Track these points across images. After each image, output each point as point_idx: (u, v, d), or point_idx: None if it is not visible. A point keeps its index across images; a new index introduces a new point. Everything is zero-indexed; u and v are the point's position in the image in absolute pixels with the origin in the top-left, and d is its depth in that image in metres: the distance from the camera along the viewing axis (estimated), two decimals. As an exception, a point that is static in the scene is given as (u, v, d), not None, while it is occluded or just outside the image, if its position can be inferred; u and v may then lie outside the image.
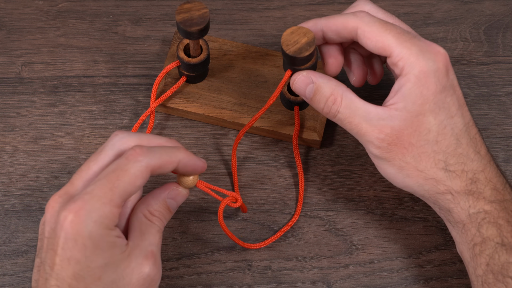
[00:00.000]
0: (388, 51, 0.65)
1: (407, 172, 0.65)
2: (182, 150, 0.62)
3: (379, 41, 0.65)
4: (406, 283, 0.71)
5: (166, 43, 0.81)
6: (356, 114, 0.65)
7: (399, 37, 0.65)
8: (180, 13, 0.69)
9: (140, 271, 0.60)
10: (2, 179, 0.75)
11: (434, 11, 0.83)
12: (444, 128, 0.65)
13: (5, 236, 0.73)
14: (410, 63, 0.64)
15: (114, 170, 0.59)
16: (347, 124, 0.66)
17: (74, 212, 0.57)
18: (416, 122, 0.64)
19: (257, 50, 0.78)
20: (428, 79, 0.64)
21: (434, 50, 0.65)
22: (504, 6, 0.83)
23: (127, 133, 0.62)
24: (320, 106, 0.67)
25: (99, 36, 0.81)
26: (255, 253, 0.72)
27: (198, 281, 0.71)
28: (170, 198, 0.63)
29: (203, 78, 0.77)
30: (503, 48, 0.81)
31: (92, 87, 0.79)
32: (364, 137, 0.65)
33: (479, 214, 0.64)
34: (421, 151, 0.65)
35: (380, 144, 0.65)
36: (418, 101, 0.64)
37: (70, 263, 0.57)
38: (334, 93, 0.66)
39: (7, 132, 0.77)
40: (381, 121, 0.64)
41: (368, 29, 0.65)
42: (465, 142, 0.65)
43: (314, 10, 0.83)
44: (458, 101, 0.65)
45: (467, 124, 0.66)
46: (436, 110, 0.64)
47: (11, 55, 0.80)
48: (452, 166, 0.65)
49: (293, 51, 0.67)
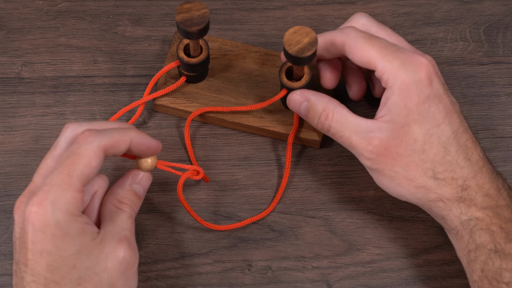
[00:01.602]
0: (373, 65, 0.67)
1: (398, 181, 0.67)
2: (134, 129, 0.63)
3: (364, 55, 0.67)
4: (406, 283, 0.71)
5: (166, 43, 0.81)
6: (347, 128, 0.67)
7: (382, 51, 0.66)
8: (180, 13, 0.69)
9: (115, 255, 0.60)
10: (2, 179, 0.75)
11: (434, 11, 0.83)
12: (430, 137, 0.66)
13: (5, 236, 0.73)
14: (392, 76, 0.66)
15: (68, 156, 0.59)
16: (339, 137, 0.68)
17: (37, 204, 0.58)
18: (402, 132, 0.66)
19: (257, 50, 0.78)
20: (410, 90, 0.65)
21: (416, 61, 0.66)
22: (504, 6, 0.83)
23: (78, 123, 0.63)
24: (314, 122, 0.70)
25: (99, 36, 0.81)
26: (255, 253, 0.72)
27: (198, 281, 0.71)
28: (134, 183, 0.65)
29: (203, 78, 0.77)
30: (503, 48, 0.81)
31: (92, 87, 0.79)
32: (355, 150, 0.68)
33: (470, 221, 0.65)
34: (409, 161, 0.66)
35: (370, 156, 0.67)
36: (403, 112, 0.66)
37: (43, 256, 0.58)
38: (326, 109, 0.69)
39: (7, 132, 0.77)
40: (370, 133, 0.66)
41: (353, 45, 0.67)
42: (454, 150, 0.66)
43: (314, 10, 0.83)
44: (444, 110, 0.66)
45: (455, 131, 0.66)
46: (420, 120, 0.66)
47: (11, 55, 0.80)
48: (441, 174, 0.66)
49: (296, 50, 0.67)
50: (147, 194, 0.74)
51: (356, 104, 0.78)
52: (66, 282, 0.58)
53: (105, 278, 0.60)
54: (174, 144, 0.76)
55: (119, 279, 0.60)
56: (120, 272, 0.60)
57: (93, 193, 0.64)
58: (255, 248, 0.72)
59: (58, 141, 0.63)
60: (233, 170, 0.76)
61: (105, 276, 0.60)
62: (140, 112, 0.76)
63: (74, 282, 0.58)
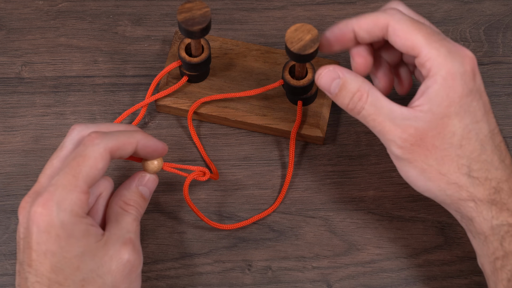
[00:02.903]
0: (416, 51, 0.63)
1: (429, 175, 0.64)
2: (140, 132, 0.63)
3: (408, 39, 0.63)
4: (406, 283, 0.71)
5: (166, 43, 0.81)
6: (381, 112, 0.64)
7: (429, 37, 0.63)
8: (182, 13, 0.69)
9: (119, 258, 0.60)
10: (2, 179, 0.75)
11: (434, 11, 0.83)
12: (469, 133, 0.63)
13: (5, 236, 0.73)
14: (437, 64, 0.62)
15: (74, 157, 0.59)
16: (371, 121, 0.64)
17: (42, 204, 0.58)
18: (441, 124, 0.63)
19: (257, 48, 0.79)
20: (455, 81, 0.62)
21: (463, 53, 0.63)
22: (504, 6, 0.83)
23: (84, 125, 0.63)
24: (345, 102, 0.65)
25: (99, 36, 0.81)
26: (255, 253, 0.72)
27: (198, 281, 0.71)
28: (141, 185, 0.65)
29: (205, 77, 0.77)
30: (503, 48, 0.81)
31: (92, 87, 0.79)
32: (387, 136, 0.64)
33: (502, 227, 0.62)
34: (444, 154, 0.63)
35: (403, 144, 0.63)
36: (444, 103, 0.62)
37: (47, 256, 0.58)
38: (361, 89, 0.64)
39: (7, 132, 0.77)
40: (406, 121, 0.63)
41: (398, 27, 0.64)
42: (490, 149, 0.63)
43: (314, 10, 0.83)
44: (484, 107, 0.64)
45: (492, 131, 0.64)
46: (461, 114, 0.63)
47: (11, 55, 0.80)
48: (475, 172, 0.63)
49: (298, 48, 0.68)
50: (147, 194, 0.74)
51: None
52: (69, 283, 0.58)
53: (108, 280, 0.59)
54: (175, 144, 0.76)
55: (123, 282, 0.60)
56: (124, 275, 0.60)
57: (98, 194, 0.64)
58: (255, 248, 0.72)
59: (64, 142, 0.63)
60: (233, 170, 0.76)
61: (109, 279, 0.59)
62: (143, 113, 0.76)
63: (77, 283, 0.58)
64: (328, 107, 0.77)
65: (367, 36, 0.66)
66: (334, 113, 0.78)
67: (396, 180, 0.75)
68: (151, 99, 0.75)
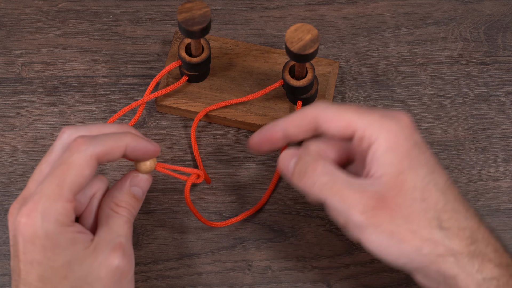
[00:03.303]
0: (352, 127, 0.62)
1: (400, 236, 0.59)
2: (129, 135, 0.61)
3: (339, 120, 0.62)
4: (406, 283, 0.71)
5: (166, 43, 0.81)
6: (337, 181, 0.61)
7: (358, 110, 0.62)
8: (182, 13, 0.69)
9: (108, 264, 0.59)
10: (2, 179, 0.75)
11: (434, 11, 0.83)
12: (428, 184, 0.60)
13: (5, 236, 0.73)
14: (375, 129, 0.61)
15: (59, 165, 0.58)
16: (327, 190, 0.61)
17: (26, 215, 0.57)
18: (399, 181, 0.60)
19: (257, 48, 0.79)
20: (398, 137, 0.61)
21: (396, 113, 0.62)
22: (504, 6, 0.83)
23: (74, 128, 0.62)
24: (300, 177, 0.63)
25: (99, 36, 0.81)
26: (255, 253, 0.72)
27: (198, 281, 0.71)
28: (133, 185, 0.63)
29: (205, 77, 0.77)
30: (503, 48, 0.81)
31: (92, 87, 0.79)
32: (346, 203, 0.60)
33: (491, 281, 0.58)
34: (410, 211, 0.59)
35: (365, 209, 0.59)
36: (395, 161, 0.60)
37: (33, 266, 0.57)
38: (315, 162, 0.62)
39: (7, 132, 0.77)
40: (363, 186, 0.60)
41: (327, 113, 0.63)
42: (453, 198, 0.60)
43: (314, 10, 0.83)
44: (432, 158, 0.62)
45: (447, 181, 0.61)
46: (415, 166, 0.60)
47: (11, 55, 0.80)
48: (446, 222, 0.59)
49: (298, 48, 0.68)
50: (147, 194, 0.73)
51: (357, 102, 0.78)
52: None
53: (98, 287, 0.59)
54: (174, 144, 0.76)
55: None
56: (114, 281, 0.59)
57: (91, 195, 0.63)
58: (255, 248, 0.72)
59: (54, 146, 0.61)
60: (233, 170, 0.76)
61: (98, 286, 0.58)
62: (140, 112, 0.75)
63: None
64: (328, 107, 0.77)
65: (297, 132, 0.65)
66: (334, 113, 0.78)
67: (396, 180, 0.75)
68: (149, 98, 0.75)
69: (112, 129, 0.62)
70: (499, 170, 0.76)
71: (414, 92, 0.79)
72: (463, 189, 0.75)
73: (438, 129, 0.77)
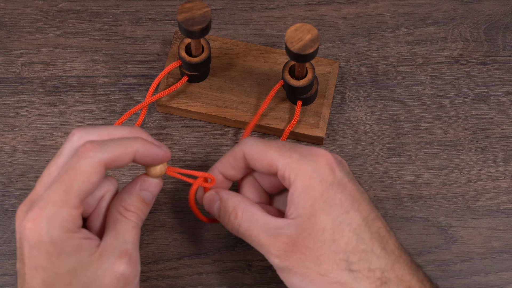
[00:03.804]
0: (273, 166, 0.64)
1: (310, 278, 0.61)
2: (139, 140, 0.60)
3: (263, 159, 0.64)
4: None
5: (166, 43, 0.81)
6: (256, 226, 0.63)
7: (280, 149, 0.64)
8: (182, 13, 0.69)
9: (113, 271, 0.59)
10: (2, 179, 0.75)
11: (434, 11, 0.83)
12: (340, 225, 0.61)
13: (5, 236, 0.73)
14: (293, 170, 0.62)
15: (66, 170, 0.58)
16: (248, 237, 0.64)
17: (32, 220, 0.57)
18: (309, 224, 0.61)
19: (257, 48, 0.79)
20: (312, 180, 0.62)
21: (315, 152, 0.63)
22: (504, 6, 0.83)
23: (84, 130, 0.61)
24: (225, 221, 0.65)
25: (99, 36, 0.81)
26: (255, 253, 0.72)
27: (198, 281, 0.71)
28: (143, 190, 0.63)
29: (205, 77, 0.77)
30: (503, 48, 0.81)
31: (92, 87, 0.79)
32: (263, 248, 0.63)
33: None
34: (319, 254, 0.61)
35: (278, 253, 0.62)
36: (307, 203, 0.61)
37: (38, 271, 0.57)
38: (236, 207, 0.64)
39: (7, 132, 0.77)
40: (279, 230, 0.62)
41: (252, 151, 0.65)
42: (367, 237, 0.61)
43: (314, 10, 0.83)
44: (351, 197, 0.62)
45: (366, 218, 0.62)
46: (327, 208, 0.61)
47: (11, 55, 0.80)
48: (355, 264, 0.60)
49: (298, 48, 0.68)
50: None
51: (354, 107, 0.78)
52: None
53: None
54: (174, 144, 0.76)
55: None
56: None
57: (99, 197, 0.62)
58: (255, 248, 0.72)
59: (63, 148, 0.61)
60: (233, 170, 0.76)
61: None
62: (144, 114, 0.75)
63: None
64: (328, 107, 0.77)
65: (233, 172, 0.67)
66: (334, 113, 0.78)
67: (396, 180, 0.75)
68: (151, 100, 0.75)
69: (123, 132, 0.62)
70: (499, 170, 0.76)
71: (414, 92, 0.79)
72: (463, 189, 0.75)
73: (438, 129, 0.77)
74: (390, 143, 0.77)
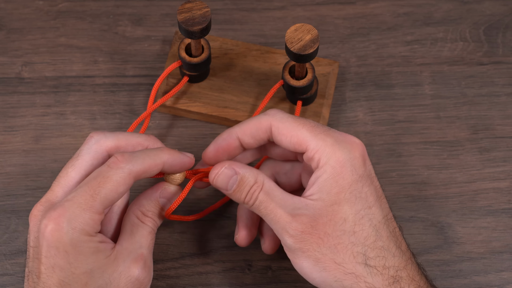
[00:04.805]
0: (303, 145, 0.62)
1: (324, 264, 0.61)
2: (166, 151, 0.62)
3: (294, 136, 0.63)
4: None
5: (166, 43, 0.81)
6: (273, 200, 0.62)
7: (313, 130, 0.62)
8: (182, 13, 0.69)
9: (128, 275, 0.60)
10: (2, 179, 0.75)
11: (434, 11, 0.83)
12: (361, 218, 0.61)
13: (5, 236, 0.73)
14: (325, 154, 0.61)
15: (95, 177, 0.59)
16: (263, 209, 0.62)
17: (54, 219, 0.57)
18: (331, 211, 0.61)
19: (257, 48, 0.79)
20: (344, 168, 0.61)
21: (350, 140, 0.63)
22: (504, 6, 0.83)
23: (103, 134, 0.62)
24: (242, 196, 0.63)
25: (99, 36, 0.81)
26: (255, 253, 0.72)
27: (198, 281, 0.71)
28: (162, 197, 0.64)
29: (205, 77, 0.77)
30: (503, 48, 0.81)
31: (92, 87, 0.79)
32: (279, 224, 0.62)
33: None
34: (337, 242, 0.60)
35: (294, 232, 0.61)
36: (334, 190, 0.61)
37: (55, 271, 0.58)
38: (258, 180, 0.63)
39: (7, 132, 0.77)
40: (297, 210, 0.61)
41: (281, 125, 0.63)
42: (385, 235, 0.61)
43: (314, 10, 0.83)
44: (376, 192, 0.62)
45: (385, 216, 0.62)
46: (352, 200, 0.61)
47: (11, 55, 0.80)
48: (372, 260, 0.60)
49: (298, 48, 0.68)
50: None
51: (354, 107, 0.78)
52: None
53: None
54: (174, 144, 0.77)
55: None
56: None
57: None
58: (255, 248, 0.72)
59: (81, 150, 0.62)
60: (233, 170, 0.76)
61: None
62: (148, 122, 0.74)
63: None
64: (328, 107, 0.77)
65: (252, 141, 0.65)
66: (334, 113, 0.78)
67: (396, 180, 0.75)
68: (154, 107, 0.73)
69: (140, 140, 0.63)
70: (498, 170, 0.76)
71: (414, 92, 0.79)
72: (462, 189, 0.75)
73: (438, 129, 0.77)
74: (390, 143, 0.77)
